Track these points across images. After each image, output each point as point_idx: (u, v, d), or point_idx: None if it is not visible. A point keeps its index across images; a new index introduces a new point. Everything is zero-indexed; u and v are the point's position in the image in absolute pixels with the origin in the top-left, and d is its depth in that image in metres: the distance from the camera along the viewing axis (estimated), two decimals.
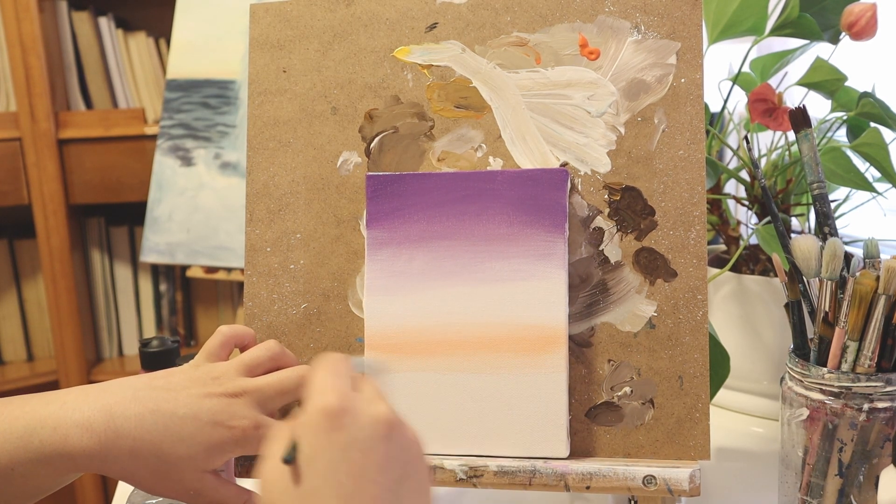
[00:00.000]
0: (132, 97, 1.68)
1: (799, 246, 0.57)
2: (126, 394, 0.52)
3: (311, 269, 0.61)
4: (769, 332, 0.79)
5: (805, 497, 0.57)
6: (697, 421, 0.55)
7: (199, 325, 1.77)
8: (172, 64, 1.47)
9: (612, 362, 0.57)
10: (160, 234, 1.44)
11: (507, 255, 0.57)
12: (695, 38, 0.57)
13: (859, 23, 0.72)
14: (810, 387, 0.56)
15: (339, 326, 0.61)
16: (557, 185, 0.57)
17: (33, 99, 1.53)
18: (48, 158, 1.56)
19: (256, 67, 0.64)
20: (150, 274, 1.75)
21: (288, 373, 0.56)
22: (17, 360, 1.75)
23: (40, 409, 0.50)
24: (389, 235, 0.59)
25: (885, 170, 0.71)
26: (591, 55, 0.59)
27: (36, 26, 1.51)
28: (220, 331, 0.58)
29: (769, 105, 0.75)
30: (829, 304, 0.56)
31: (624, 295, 0.57)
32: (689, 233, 0.57)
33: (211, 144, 1.43)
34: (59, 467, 0.50)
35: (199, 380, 0.53)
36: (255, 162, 0.63)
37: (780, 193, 0.80)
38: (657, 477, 0.53)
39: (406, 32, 0.61)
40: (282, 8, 0.63)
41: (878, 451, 0.55)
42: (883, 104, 0.73)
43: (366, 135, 0.62)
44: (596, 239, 0.58)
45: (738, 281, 0.80)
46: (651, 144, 0.57)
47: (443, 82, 0.61)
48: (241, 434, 0.52)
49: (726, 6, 0.77)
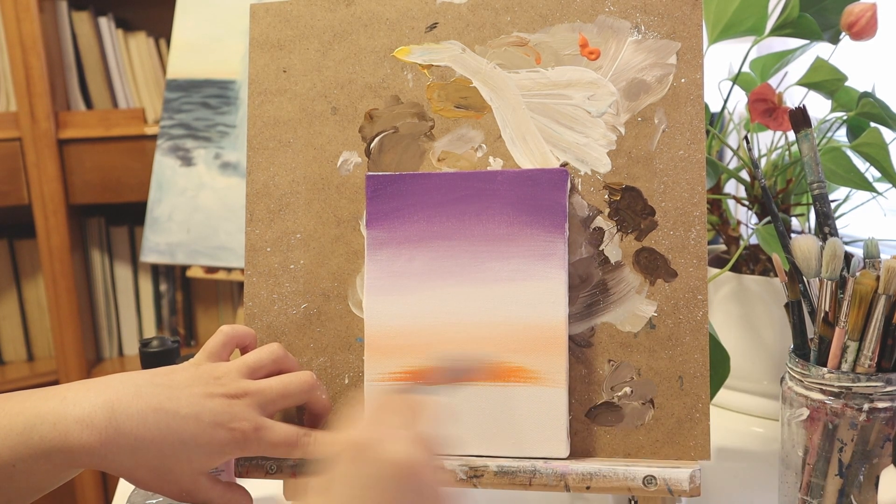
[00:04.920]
0: (132, 97, 1.68)
1: (799, 246, 0.57)
2: (128, 390, 0.51)
3: (311, 269, 0.61)
4: (769, 332, 0.79)
5: (805, 497, 0.57)
6: (697, 421, 0.55)
7: (199, 325, 1.77)
8: (172, 64, 1.47)
9: (613, 362, 0.57)
10: (160, 234, 1.44)
11: (507, 256, 0.57)
12: (695, 38, 0.57)
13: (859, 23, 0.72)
14: (810, 387, 0.56)
15: (339, 326, 0.61)
16: (557, 185, 0.57)
17: (33, 99, 1.53)
18: (48, 158, 1.56)
19: (256, 67, 0.64)
20: (150, 274, 1.75)
21: (291, 377, 0.56)
22: (17, 360, 1.75)
23: (40, 405, 0.50)
24: (389, 235, 0.59)
25: (885, 170, 0.71)
26: (591, 55, 0.59)
27: (36, 26, 1.51)
28: (221, 330, 0.58)
29: (769, 105, 0.75)
30: (829, 304, 0.56)
31: (624, 295, 0.57)
32: (690, 233, 0.57)
33: (211, 144, 1.43)
34: (60, 463, 0.50)
35: (202, 379, 0.53)
36: (255, 162, 0.63)
37: (780, 193, 0.80)
38: (657, 477, 0.53)
39: (406, 32, 0.61)
40: (282, 8, 0.63)
41: (878, 451, 0.55)
42: (883, 104, 0.73)
43: (366, 135, 0.62)
44: (596, 239, 0.58)
45: (738, 281, 0.80)
46: (651, 144, 0.57)
47: (443, 82, 0.61)
48: (241, 436, 0.52)
49: (726, 6, 0.77)
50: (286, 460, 0.57)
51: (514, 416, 0.56)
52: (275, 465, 0.58)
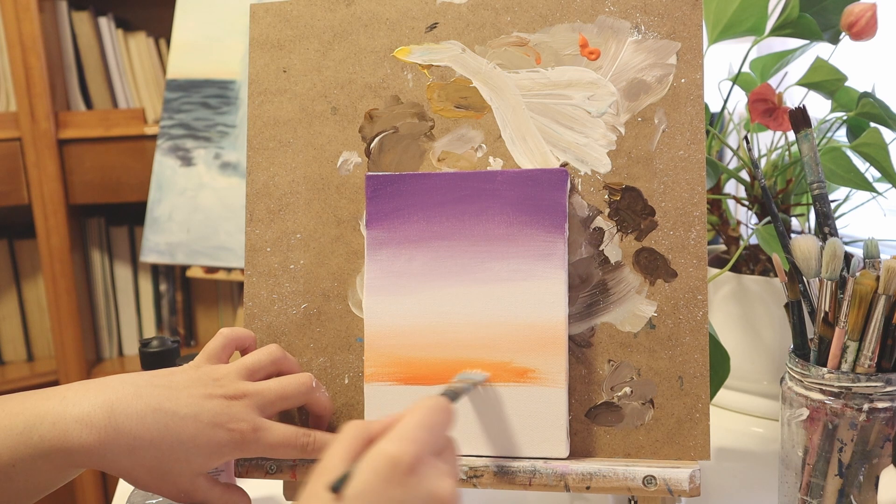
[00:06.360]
0: (132, 97, 1.68)
1: (799, 246, 0.57)
2: (128, 390, 0.51)
3: (311, 269, 0.61)
4: (769, 332, 0.79)
5: (805, 497, 0.57)
6: (697, 421, 0.55)
7: (199, 326, 1.77)
8: (172, 64, 1.47)
9: (612, 362, 0.57)
10: (160, 234, 1.44)
11: (507, 256, 0.57)
12: (695, 38, 0.57)
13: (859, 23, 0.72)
14: (810, 387, 0.56)
15: (339, 326, 0.61)
16: (557, 186, 0.57)
17: (33, 99, 1.53)
18: (48, 158, 1.56)
19: (256, 67, 0.64)
20: (150, 274, 1.75)
21: (289, 379, 0.56)
22: (17, 360, 1.75)
23: (40, 405, 0.50)
24: (389, 235, 0.59)
25: (885, 170, 0.71)
26: (591, 55, 0.59)
27: (36, 26, 1.51)
28: (221, 333, 0.58)
29: (769, 105, 0.75)
30: (829, 304, 0.56)
31: (624, 295, 0.57)
32: (689, 233, 0.57)
33: (211, 144, 1.43)
34: (59, 463, 0.50)
35: (201, 380, 0.53)
36: (255, 162, 0.63)
37: (780, 193, 0.80)
38: (657, 477, 0.53)
39: (406, 32, 0.61)
40: (282, 8, 0.63)
41: (878, 451, 0.55)
42: (883, 104, 0.73)
43: (366, 135, 0.62)
44: (596, 239, 0.58)
45: (738, 281, 0.80)
46: (651, 145, 0.57)
47: (443, 82, 0.61)
48: (239, 437, 0.52)
49: (726, 6, 0.77)
50: (286, 460, 0.57)
51: (514, 416, 0.56)
52: (274, 465, 0.58)
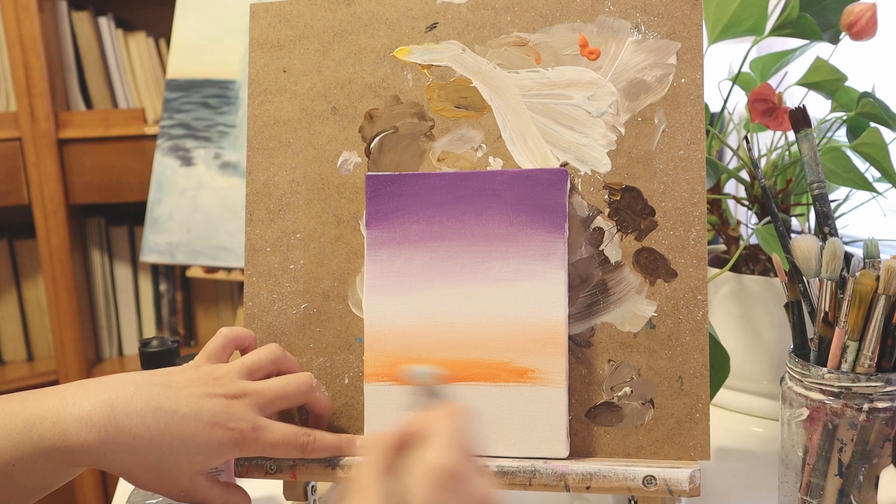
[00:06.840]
0: (132, 97, 1.68)
1: (799, 246, 0.57)
2: (128, 389, 0.51)
3: (311, 269, 0.61)
4: (769, 332, 0.79)
5: (805, 497, 0.57)
6: (697, 421, 0.55)
7: (199, 325, 1.77)
8: (172, 64, 1.47)
9: (612, 362, 0.57)
10: (160, 234, 1.44)
11: (507, 256, 0.57)
12: (695, 38, 0.57)
13: (859, 23, 0.72)
14: (810, 387, 0.56)
15: (339, 326, 0.61)
16: (557, 185, 0.57)
17: (33, 99, 1.53)
18: (48, 158, 1.56)
19: (256, 67, 0.64)
20: (150, 274, 1.75)
21: (289, 378, 0.56)
22: (17, 360, 1.75)
23: (39, 404, 0.51)
24: (389, 235, 0.59)
25: (885, 170, 0.71)
26: (591, 55, 0.59)
27: (36, 26, 1.51)
28: (221, 332, 0.58)
29: (769, 105, 0.75)
30: (829, 304, 0.56)
31: (624, 295, 0.57)
32: (689, 233, 0.57)
33: (211, 144, 1.43)
34: (59, 462, 0.50)
35: (200, 380, 0.53)
36: (255, 162, 0.63)
37: (780, 193, 0.80)
38: (657, 477, 0.53)
39: (406, 32, 0.61)
40: (282, 8, 0.63)
41: (878, 451, 0.55)
42: (883, 104, 0.73)
43: (366, 135, 0.62)
44: (596, 239, 0.58)
45: (738, 281, 0.80)
46: (651, 144, 0.57)
47: (443, 82, 0.61)
48: (239, 436, 0.52)
49: (726, 6, 0.77)
50: (286, 460, 0.57)
51: (513, 416, 0.56)
52: (274, 465, 0.58)
